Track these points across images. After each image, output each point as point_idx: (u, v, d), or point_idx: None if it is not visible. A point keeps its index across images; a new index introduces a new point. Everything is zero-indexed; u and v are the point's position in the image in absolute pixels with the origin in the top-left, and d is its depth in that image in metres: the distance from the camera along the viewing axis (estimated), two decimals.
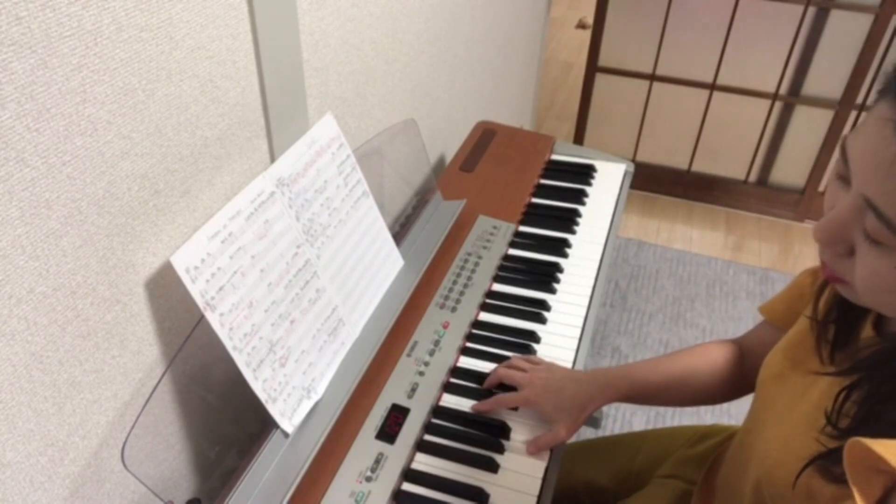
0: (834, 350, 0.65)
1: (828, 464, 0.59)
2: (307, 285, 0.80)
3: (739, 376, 0.86)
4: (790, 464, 0.63)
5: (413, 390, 0.85)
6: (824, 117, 2.26)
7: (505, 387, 0.88)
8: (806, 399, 0.66)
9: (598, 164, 1.35)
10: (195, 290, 0.65)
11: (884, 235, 0.49)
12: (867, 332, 0.63)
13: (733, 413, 1.78)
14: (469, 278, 1.03)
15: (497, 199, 1.21)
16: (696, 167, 2.51)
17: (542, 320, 1.00)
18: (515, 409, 0.86)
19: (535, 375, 0.85)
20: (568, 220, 1.20)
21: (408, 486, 0.77)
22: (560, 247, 1.13)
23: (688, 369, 0.87)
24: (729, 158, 2.46)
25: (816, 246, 0.58)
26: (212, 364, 0.78)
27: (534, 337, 0.97)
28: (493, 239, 1.11)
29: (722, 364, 0.87)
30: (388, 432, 0.80)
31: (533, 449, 0.81)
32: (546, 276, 1.07)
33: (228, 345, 0.69)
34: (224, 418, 0.83)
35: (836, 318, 0.66)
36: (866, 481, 0.42)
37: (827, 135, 2.28)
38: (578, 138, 2.58)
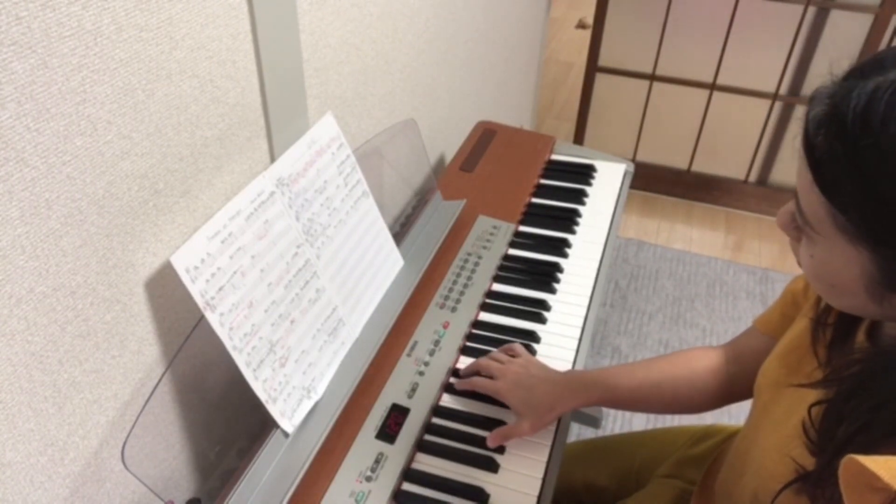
0: (830, 353, 0.64)
1: (810, 488, 0.58)
2: (307, 285, 0.80)
3: (723, 384, 0.85)
4: (787, 476, 0.62)
5: (413, 390, 0.85)
6: None
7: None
8: (801, 408, 0.64)
9: (598, 164, 1.35)
10: (195, 290, 0.65)
11: (801, 221, 0.56)
12: (860, 338, 0.62)
13: (733, 413, 1.78)
14: (469, 278, 1.03)
15: (497, 199, 1.21)
16: (696, 167, 2.51)
17: (542, 320, 1.00)
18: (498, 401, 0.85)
19: (510, 369, 0.86)
20: (568, 220, 1.20)
21: (408, 486, 0.77)
22: (560, 247, 1.13)
23: (664, 375, 0.86)
24: (729, 158, 2.46)
25: None
26: (212, 364, 0.78)
27: (534, 337, 0.97)
28: (493, 239, 1.11)
29: (701, 371, 0.85)
30: (388, 432, 0.80)
31: (492, 439, 0.81)
32: (546, 276, 1.07)
33: (228, 345, 0.69)
34: (224, 418, 0.83)
35: (834, 321, 0.65)
36: (862, 499, 0.41)
37: None
38: (578, 138, 2.58)
